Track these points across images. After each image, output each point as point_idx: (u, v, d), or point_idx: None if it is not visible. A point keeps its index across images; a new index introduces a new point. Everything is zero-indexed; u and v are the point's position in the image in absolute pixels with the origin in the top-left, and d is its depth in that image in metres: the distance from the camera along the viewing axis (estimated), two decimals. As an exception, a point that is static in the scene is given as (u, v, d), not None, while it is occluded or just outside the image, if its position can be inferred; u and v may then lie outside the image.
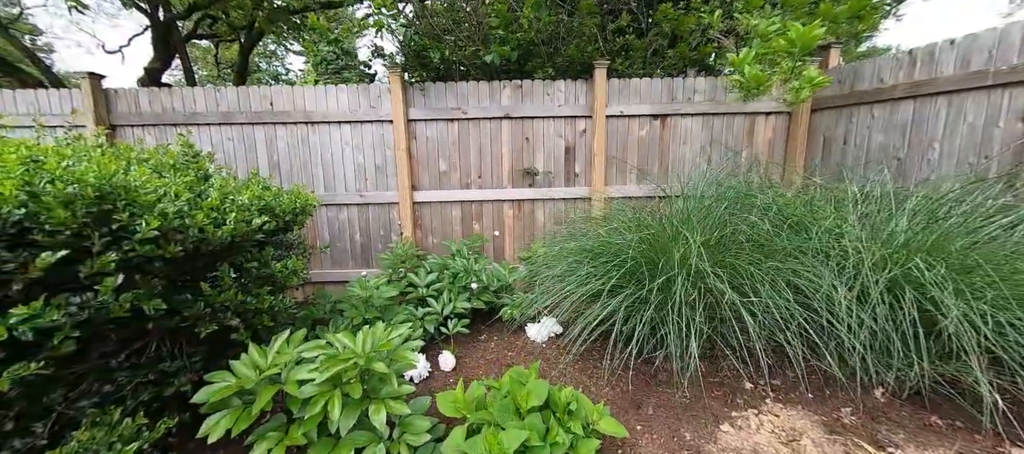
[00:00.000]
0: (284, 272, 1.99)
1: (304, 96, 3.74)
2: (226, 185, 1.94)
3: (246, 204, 1.79)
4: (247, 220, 1.74)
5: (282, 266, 2.01)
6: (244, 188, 1.95)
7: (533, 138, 3.88)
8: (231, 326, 1.76)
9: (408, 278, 3.19)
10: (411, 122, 3.81)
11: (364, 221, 3.97)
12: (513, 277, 3.28)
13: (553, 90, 3.79)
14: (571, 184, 3.98)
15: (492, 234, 4.03)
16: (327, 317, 2.69)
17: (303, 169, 3.85)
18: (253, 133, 3.79)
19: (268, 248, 1.97)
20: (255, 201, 1.89)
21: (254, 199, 1.87)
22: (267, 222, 1.89)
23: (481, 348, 2.95)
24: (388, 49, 4.87)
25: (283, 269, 2.00)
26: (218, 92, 3.75)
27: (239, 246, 1.74)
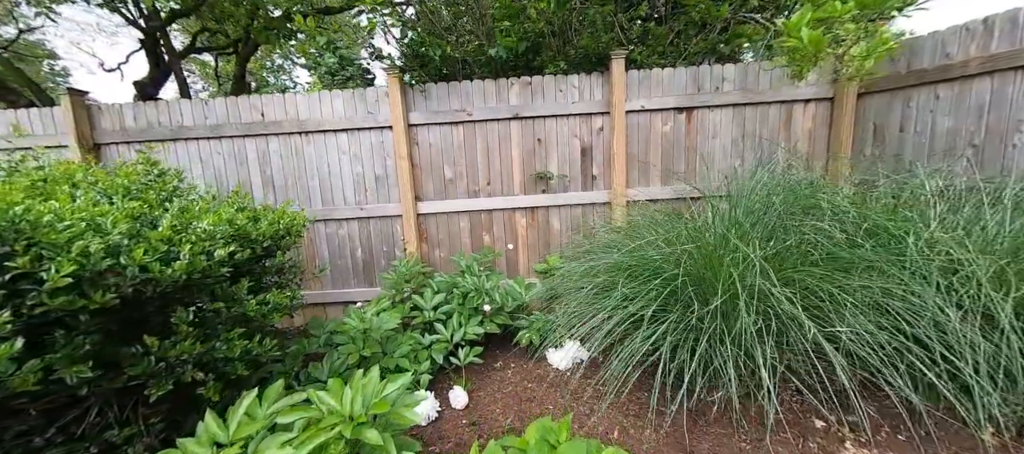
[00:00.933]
0: (262, 309, 1.67)
1: (296, 104, 3.46)
2: (191, 209, 1.63)
3: (208, 232, 1.47)
4: (208, 252, 1.43)
5: (259, 302, 1.69)
6: (207, 212, 1.64)
7: (546, 139, 3.53)
8: (196, 380, 1.44)
9: (413, 300, 2.86)
10: (412, 127, 3.50)
11: (365, 236, 3.67)
12: (530, 295, 2.93)
13: (566, 85, 3.44)
14: (589, 188, 3.62)
15: (506, 247, 3.69)
16: (322, 351, 2.37)
17: (298, 183, 3.56)
18: (244, 146, 3.52)
19: (242, 281, 1.65)
20: (221, 227, 1.57)
21: (220, 224, 1.56)
22: (237, 252, 1.57)
23: (497, 379, 2.60)
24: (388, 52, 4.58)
25: (260, 306, 1.68)
26: (206, 104, 3.48)
27: (200, 284, 1.43)
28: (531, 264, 3.73)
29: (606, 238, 2.88)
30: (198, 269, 1.36)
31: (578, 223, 3.67)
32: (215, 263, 1.44)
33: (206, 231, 1.47)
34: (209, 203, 1.97)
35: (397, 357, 2.26)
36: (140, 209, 1.44)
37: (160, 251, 1.30)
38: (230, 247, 1.52)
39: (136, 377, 1.32)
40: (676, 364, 1.77)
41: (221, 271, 1.48)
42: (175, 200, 1.56)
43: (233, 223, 1.67)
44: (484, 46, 3.38)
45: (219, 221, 1.57)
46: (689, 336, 1.78)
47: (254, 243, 1.77)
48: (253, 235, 1.76)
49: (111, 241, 1.18)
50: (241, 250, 1.63)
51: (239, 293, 1.64)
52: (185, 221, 1.50)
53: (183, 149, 3.52)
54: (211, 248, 1.46)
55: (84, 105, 3.46)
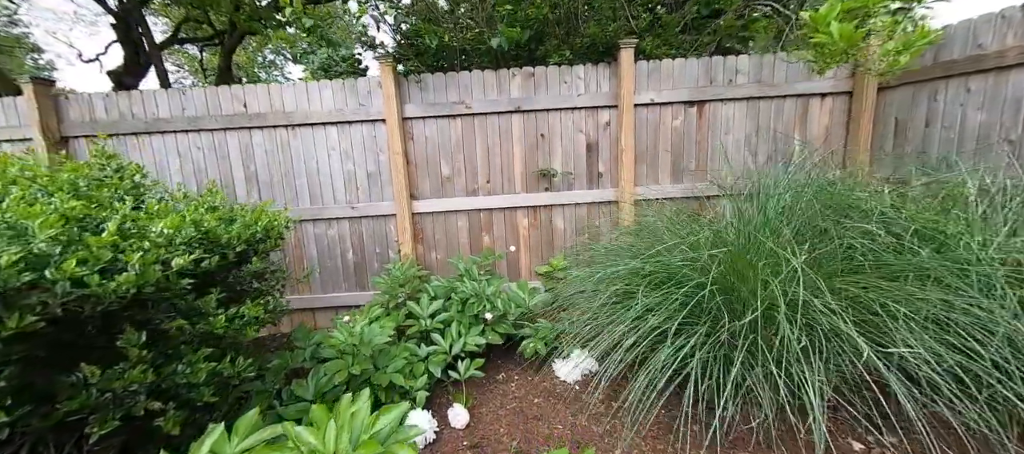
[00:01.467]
0: (233, 325, 1.45)
1: (282, 95, 3.22)
2: (149, 209, 1.40)
3: (165, 237, 1.25)
4: (164, 260, 1.20)
5: (230, 318, 1.46)
6: (169, 213, 1.41)
7: (549, 134, 3.32)
8: (151, 411, 1.22)
9: (408, 307, 2.64)
10: (406, 120, 3.28)
11: (357, 237, 3.44)
12: (534, 301, 2.72)
13: (571, 77, 3.23)
14: (594, 185, 3.42)
15: (507, 249, 3.48)
16: (308, 365, 2.15)
17: (284, 180, 3.32)
18: (226, 140, 3.27)
19: (211, 293, 1.43)
20: (186, 229, 1.34)
21: (183, 227, 1.33)
22: (204, 259, 1.35)
23: (499, 393, 2.39)
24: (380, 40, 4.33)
25: (232, 321, 1.46)
26: (184, 95, 3.23)
27: (156, 299, 1.20)
28: (533, 266, 3.53)
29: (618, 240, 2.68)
30: (151, 282, 1.13)
31: (583, 223, 3.47)
32: (174, 274, 1.22)
33: (163, 236, 1.24)
34: (176, 202, 1.73)
35: (391, 372, 2.05)
36: (84, 210, 1.21)
37: (102, 261, 1.08)
38: (194, 253, 1.29)
39: (76, 412, 1.09)
40: (707, 386, 1.58)
41: (181, 284, 1.25)
42: (127, 199, 1.33)
43: (199, 226, 1.44)
44: (484, 34, 3.16)
45: (181, 224, 1.34)
46: (719, 353, 1.58)
47: (225, 248, 1.54)
48: (224, 239, 1.53)
49: (35, 250, 0.95)
50: (209, 257, 1.41)
51: (206, 307, 1.41)
52: (139, 224, 1.27)
53: (159, 142, 3.26)
54: (169, 256, 1.23)
55: (49, 95, 3.19)
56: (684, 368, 1.61)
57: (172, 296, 1.26)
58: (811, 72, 3.17)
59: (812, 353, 1.39)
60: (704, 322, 1.67)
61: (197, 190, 3.30)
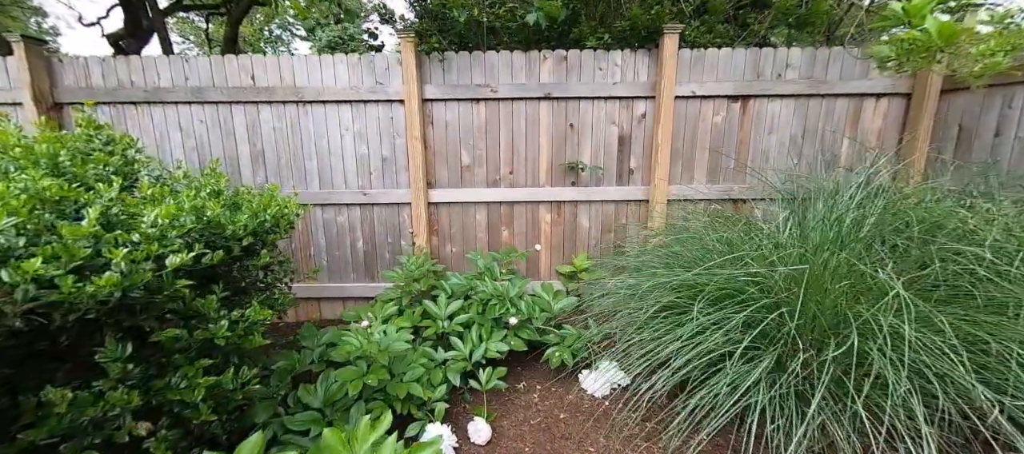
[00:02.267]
0: (235, 334, 1.24)
1: (292, 68, 2.97)
2: (143, 191, 1.18)
3: (159, 228, 1.03)
4: (157, 256, 0.99)
5: (234, 321, 1.25)
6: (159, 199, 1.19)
7: (579, 124, 3.08)
8: (136, 436, 1.02)
9: (424, 306, 2.44)
10: (426, 102, 3.03)
11: (368, 225, 3.22)
12: (560, 306, 2.51)
13: (607, 63, 2.98)
14: (624, 182, 3.19)
15: (532, 248, 3.26)
16: (316, 369, 1.96)
17: (293, 160, 3.10)
18: (231, 114, 3.04)
19: (212, 293, 1.22)
20: (185, 218, 1.13)
21: (181, 215, 1.12)
22: (204, 254, 1.14)
23: (522, 406, 2.20)
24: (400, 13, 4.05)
25: (236, 327, 1.25)
26: (187, 63, 2.99)
27: (146, 304, 1.00)
28: (554, 265, 3.32)
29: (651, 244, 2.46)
30: (138, 284, 0.92)
31: (610, 222, 3.25)
32: (168, 274, 1.01)
33: (157, 227, 1.03)
34: (175, 182, 1.52)
35: (408, 381, 1.85)
36: (60, 192, 0.99)
37: (79, 257, 0.86)
38: (194, 249, 1.08)
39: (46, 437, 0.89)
40: (773, 423, 1.37)
41: (177, 285, 1.04)
42: (115, 179, 1.10)
43: (201, 214, 1.23)
44: (517, 10, 2.89)
45: (179, 212, 1.13)
46: (790, 385, 1.38)
47: (230, 241, 1.33)
48: (229, 230, 1.32)
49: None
50: (211, 252, 1.19)
51: (207, 309, 1.20)
52: (129, 211, 1.05)
53: (160, 115, 3.03)
54: (164, 252, 1.02)
55: (42, 56, 2.95)
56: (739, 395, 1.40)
57: (166, 299, 1.05)
58: (873, 69, 2.91)
59: (915, 394, 1.18)
60: (772, 349, 1.46)
61: (199, 168, 3.08)
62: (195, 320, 1.24)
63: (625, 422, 2.01)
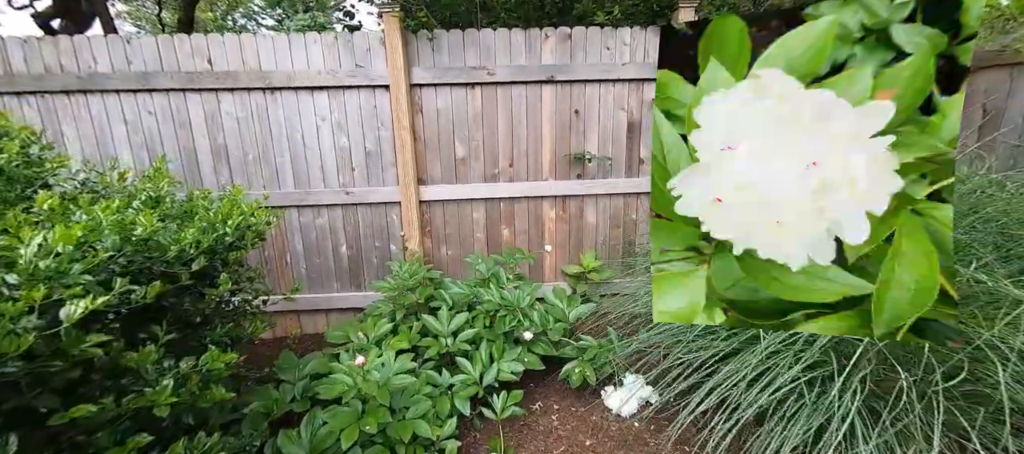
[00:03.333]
0: (187, 390, 0.91)
1: (257, 49, 2.57)
2: (40, 204, 0.83)
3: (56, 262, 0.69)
4: (57, 302, 0.66)
5: (185, 376, 0.92)
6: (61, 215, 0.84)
7: (585, 110, 2.80)
8: None
9: (423, 321, 2.13)
10: (415, 88, 2.69)
11: (352, 227, 2.87)
12: (575, 313, 2.25)
13: (615, 41, 2.70)
14: (634, 173, 2.94)
15: (542, 249, 2.98)
16: (298, 407, 1.63)
17: (263, 156, 2.70)
18: (185, 104, 2.61)
19: (150, 344, 0.88)
20: (109, 238, 0.79)
21: (90, 239, 0.78)
22: (132, 293, 0.80)
23: (541, 432, 1.93)
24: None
25: (186, 383, 0.92)
26: (129, 44, 2.54)
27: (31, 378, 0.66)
28: (560, 265, 3.05)
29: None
30: (10, 355, 0.59)
31: (619, 217, 3.00)
32: (69, 329, 0.67)
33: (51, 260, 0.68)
34: (106, 188, 1.16)
35: (412, 419, 1.55)
36: None
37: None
38: (114, 285, 0.74)
39: None
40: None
41: (84, 342, 0.71)
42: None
43: (128, 231, 0.88)
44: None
45: (89, 234, 0.78)
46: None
47: (174, 265, 0.99)
48: (172, 251, 0.98)
49: None
50: (145, 285, 0.85)
51: (144, 364, 0.87)
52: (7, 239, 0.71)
53: (98, 105, 2.58)
54: (67, 295, 0.68)
55: (-55, 36, 2.45)
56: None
57: (69, 366, 0.71)
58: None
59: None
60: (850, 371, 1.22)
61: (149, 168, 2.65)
62: (128, 378, 0.91)
63: (661, 447, 1.77)
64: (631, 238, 3.03)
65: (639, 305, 2.25)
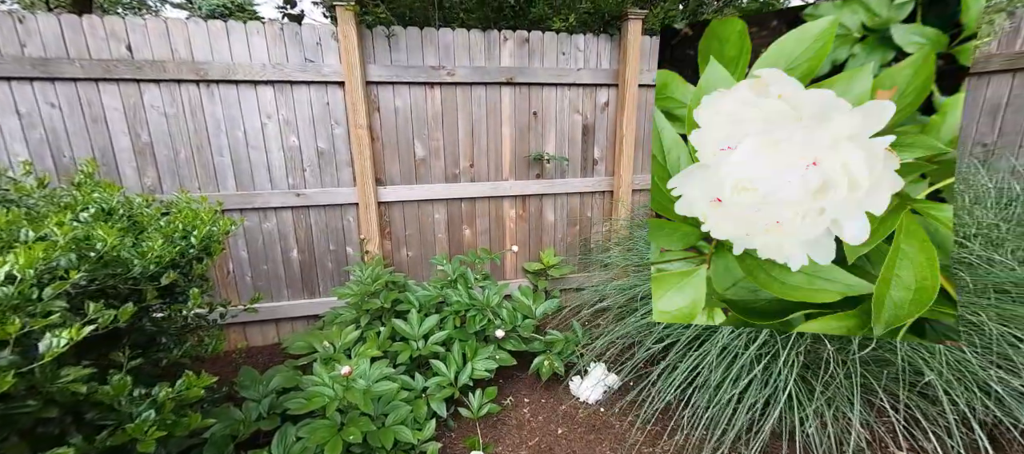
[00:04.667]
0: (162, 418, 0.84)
1: (189, 36, 2.32)
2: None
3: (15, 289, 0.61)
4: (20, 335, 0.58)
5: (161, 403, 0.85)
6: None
7: (543, 113, 2.89)
8: None
9: (392, 325, 2.09)
10: (371, 85, 2.60)
11: (304, 231, 2.71)
12: (541, 309, 2.34)
13: (570, 47, 2.82)
14: (589, 174, 3.10)
15: (510, 249, 3.03)
16: (265, 425, 1.53)
17: (198, 155, 2.45)
18: (99, 95, 2.29)
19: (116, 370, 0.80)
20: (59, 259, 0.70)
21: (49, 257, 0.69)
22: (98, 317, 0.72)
23: (514, 425, 2.00)
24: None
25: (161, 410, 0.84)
26: (21, 23, 2.17)
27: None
28: (521, 263, 3.13)
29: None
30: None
31: (576, 214, 3.15)
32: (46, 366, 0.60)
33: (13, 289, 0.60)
34: (23, 197, 1.02)
35: (393, 425, 1.53)
36: None
37: None
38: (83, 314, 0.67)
39: None
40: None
41: (61, 379, 0.63)
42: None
43: (87, 248, 0.79)
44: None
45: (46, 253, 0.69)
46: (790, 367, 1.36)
47: (140, 282, 0.89)
48: (136, 267, 0.88)
49: None
50: (112, 308, 0.77)
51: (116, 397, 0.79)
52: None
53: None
54: (34, 327, 0.60)
55: None
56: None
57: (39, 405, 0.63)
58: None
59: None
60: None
61: (56, 172, 2.29)
62: (93, 413, 0.82)
63: (629, 429, 1.92)
64: (587, 235, 3.20)
65: (595, 296, 2.40)
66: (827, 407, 1.31)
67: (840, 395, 1.31)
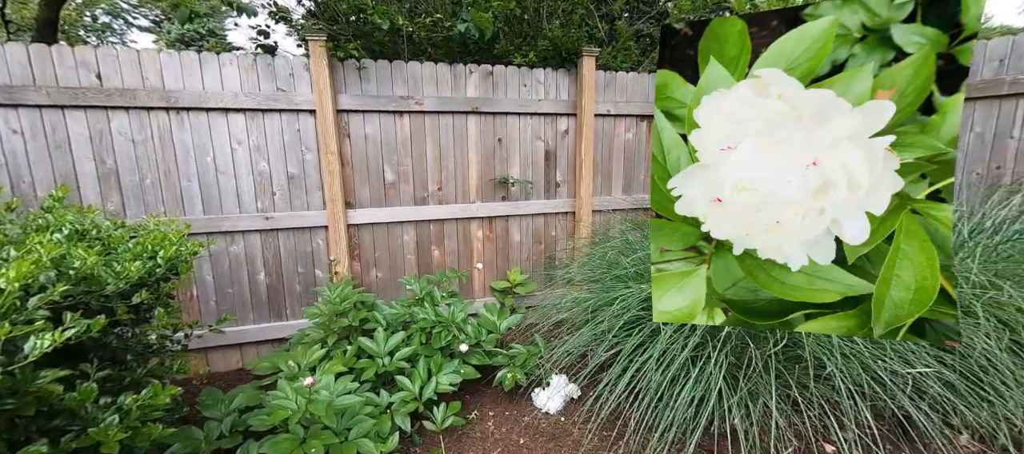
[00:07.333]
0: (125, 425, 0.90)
1: (160, 67, 2.39)
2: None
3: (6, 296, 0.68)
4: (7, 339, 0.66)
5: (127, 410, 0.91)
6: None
7: (507, 140, 3.08)
8: None
9: (358, 343, 2.15)
10: (342, 113, 2.72)
11: (272, 254, 2.74)
12: (505, 324, 2.45)
13: (532, 80, 3.04)
14: (552, 196, 3.29)
15: (475, 267, 3.14)
16: (227, 444, 1.56)
17: (165, 180, 2.49)
18: (64, 122, 2.32)
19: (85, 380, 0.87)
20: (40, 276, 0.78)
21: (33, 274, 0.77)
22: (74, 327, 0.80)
23: (478, 437, 2.08)
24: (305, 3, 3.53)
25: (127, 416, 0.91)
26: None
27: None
28: (488, 282, 3.25)
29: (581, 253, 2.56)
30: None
31: (540, 234, 3.31)
32: (26, 367, 0.67)
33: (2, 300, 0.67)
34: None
35: (357, 438, 1.59)
36: None
37: None
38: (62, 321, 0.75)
39: None
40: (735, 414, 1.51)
41: (40, 379, 0.70)
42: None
43: (66, 267, 0.86)
44: (442, 21, 2.78)
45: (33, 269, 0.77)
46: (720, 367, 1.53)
47: (112, 300, 0.97)
48: (110, 286, 0.96)
49: None
50: (86, 322, 0.84)
51: (82, 403, 0.85)
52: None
53: (-61, 121, 2.17)
54: (18, 333, 0.68)
55: None
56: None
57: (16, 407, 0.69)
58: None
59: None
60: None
61: (12, 196, 2.27)
62: (58, 419, 0.87)
63: (585, 435, 2.03)
64: (552, 253, 3.36)
65: (560, 313, 2.53)
66: (751, 400, 1.47)
67: (762, 388, 1.47)
